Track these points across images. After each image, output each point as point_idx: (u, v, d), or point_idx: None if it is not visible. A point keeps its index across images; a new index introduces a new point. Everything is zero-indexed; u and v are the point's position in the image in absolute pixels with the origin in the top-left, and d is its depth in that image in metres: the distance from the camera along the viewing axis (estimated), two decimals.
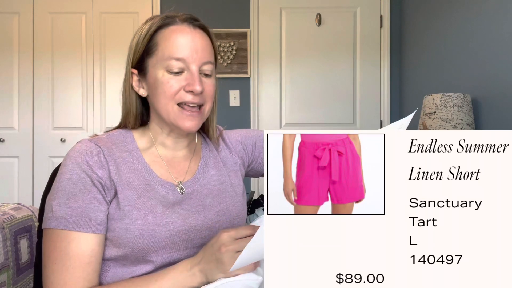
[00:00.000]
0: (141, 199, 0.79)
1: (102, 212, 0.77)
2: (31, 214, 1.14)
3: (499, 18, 1.85)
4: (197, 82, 0.79)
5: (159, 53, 0.80)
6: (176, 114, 0.81)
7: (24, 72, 3.08)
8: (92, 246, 0.75)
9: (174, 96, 0.79)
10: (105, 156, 0.79)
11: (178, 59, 0.79)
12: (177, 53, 0.79)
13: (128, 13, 3.09)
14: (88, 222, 0.74)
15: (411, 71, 2.88)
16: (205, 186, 0.88)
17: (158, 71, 0.80)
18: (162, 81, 0.79)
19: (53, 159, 3.07)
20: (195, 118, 0.81)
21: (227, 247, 0.69)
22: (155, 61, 0.80)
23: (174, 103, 0.80)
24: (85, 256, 0.74)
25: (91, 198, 0.76)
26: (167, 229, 0.79)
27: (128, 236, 0.76)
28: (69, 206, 0.74)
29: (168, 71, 0.79)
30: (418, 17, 2.76)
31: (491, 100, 1.92)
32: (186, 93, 0.80)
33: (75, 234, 0.74)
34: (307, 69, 3.09)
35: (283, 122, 3.12)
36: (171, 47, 0.79)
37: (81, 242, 0.74)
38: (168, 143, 0.88)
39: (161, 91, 0.80)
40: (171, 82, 0.79)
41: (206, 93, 0.82)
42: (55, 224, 0.74)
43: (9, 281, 0.98)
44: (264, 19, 3.09)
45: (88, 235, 0.74)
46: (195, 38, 0.80)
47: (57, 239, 0.74)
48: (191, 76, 0.79)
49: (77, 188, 0.75)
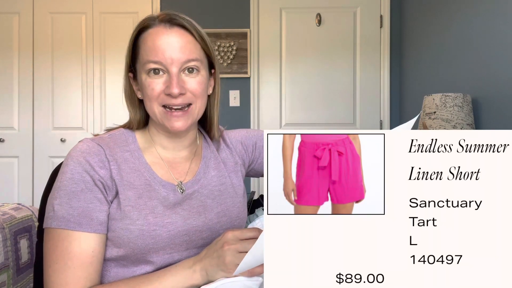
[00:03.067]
0: (142, 200, 0.79)
1: (103, 212, 0.77)
2: (31, 214, 1.14)
3: (499, 18, 1.85)
4: (173, 85, 0.78)
5: (140, 57, 0.81)
6: (162, 115, 0.81)
7: (24, 72, 3.08)
8: (94, 246, 0.75)
9: (157, 98, 0.80)
10: (106, 156, 0.79)
11: (155, 62, 0.79)
12: (153, 56, 0.79)
13: (128, 13, 3.09)
14: (89, 222, 0.74)
15: (411, 71, 2.88)
16: (205, 187, 0.88)
17: (142, 75, 0.81)
18: (145, 84, 0.80)
19: (53, 159, 3.07)
20: (181, 118, 0.81)
21: (230, 246, 0.69)
22: (139, 65, 0.82)
23: (159, 105, 0.81)
24: (86, 255, 0.74)
25: (92, 198, 0.76)
26: (168, 230, 0.79)
27: (129, 237, 0.76)
28: (71, 206, 0.74)
29: (148, 74, 0.80)
30: (418, 17, 2.76)
31: (491, 100, 1.92)
32: (166, 96, 0.80)
33: (76, 233, 0.74)
34: (307, 69, 3.09)
35: (283, 122, 3.12)
36: (148, 51, 0.79)
37: (82, 241, 0.74)
38: (167, 144, 0.88)
39: (145, 94, 0.81)
40: (152, 85, 0.80)
41: (192, 92, 0.81)
42: (56, 224, 0.74)
43: (9, 281, 0.98)
44: (264, 19, 3.09)
45: (90, 234, 0.74)
46: (171, 38, 0.79)
47: (58, 239, 0.74)
48: (169, 79, 0.79)
49: (78, 187, 0.75)
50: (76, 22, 3.10)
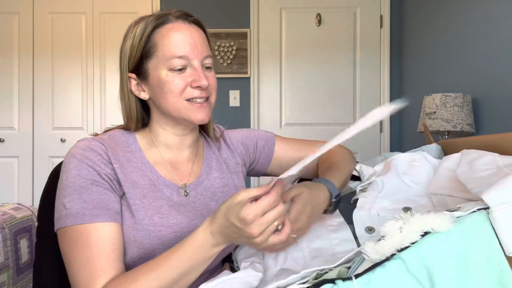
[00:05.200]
0: (147, 199, 0.78)
1: (117, 202, 0.76)
2: (31, 214, 1.14)
3: (499, 18, 1.85)
4: (202, 77, 0.79)
5: (159, 53, 0.79)
6: (187, 109, 0.81)
7: (24, 72, 3.08)
8: (113, 234, 0.72)
9: (182, 93, 0.80)
10: (108, 154, 0.78)
11: (180, 57, 0.79)
12: (178, 51, 0.78)
13: (128, 13, 3.09)
14: (106, 212, 0.73)
15: (411, 71, 2.88)
16: (209, 189, 0.88)
17: (161, 72, 0.79)
18: (167, 80, 0.79)
19: (53, 159, 3.06)
20: (205, 110, 0.82)
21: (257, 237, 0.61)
22: (155, 62, 0.80)
23: (183, 100, 0.80)
24: (108, 244, 0.71)
25: (104, 190, 0.74)
26: (173, 231, 0.78)
27: (135, 236, 0.76)
28: (83, 200, 0.72)
29: (171, 69, 0.79)
30: (418, 17, 2.76)
31: (491, 100, 1.92)
32: (193, 89, 0.80)
33: (94, 225, 0.71)
34: (307, 69, 3.09)
35: (283, 122, 3.12)
36: (171, 46, 0.79)
37: (102, 231, 0.71)
38: (172, 143, 0.87)
39: (167, 90, 0.79)
40: (176, 80, 0.79)
41: (211, 86, 0.83)
42: (72, 221, 0.71)
43: (9, 281, 0.98)
44: (264, 19, 3.09)
45: (108, 224, 0.72)
46: (192, 33, 0.80)
47: (77, 235, 0.71)
48: (196, 72, 0.80)
49: (87, 182, 0.74)
50: (76, 22, 3.10)
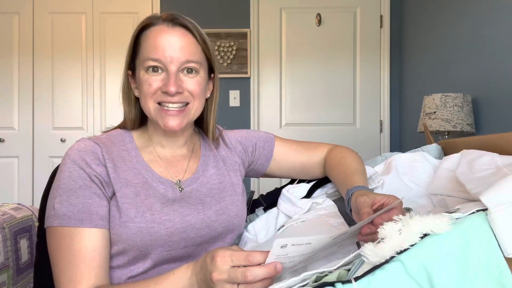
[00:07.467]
0: (139, 197, 0.79)
1: (103, 207, 0.77)
2: (31, 214, 1.14)
3: (499, 18, 1.85)
4: (171, 83, 0.79)
5: (141, 54, 0.82)
6: (156, 113, 0.82)
7: (24, 72, 3.08)
8: (95, 241, 0.74)
9: (153, 95, 0.81)
10: (103, 154, 0.80)
11: (154, 60, 0.80)
12: (154, 54, 0.80)
13: (128, 13, 3.09)
14: (89, 217, 0.75)
15: (411, 71, 2.88)
16: (204, 185, 0.88)
17: (140, 71, 0.82)
18: (143, 80, 0.81)
19: (53, 159, 3.06)
20: (177, 118, 0.81)
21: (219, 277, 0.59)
22: (138, 61, 0.83)
23: (154, 102, 0.81)
24: (88, 251, 0.73)
25: (91, 194, 0.76)
26: (166, 227, 0.79)
27: (127, 234, 0.76)
28: (70, 203, 0.75)
29: (147, 71, 0.81)
30: (418, 17, 2.76)
31: (491, 100, 1.92)
32: (163, 93, 0.80)
33: (77, 230, 0.74)
34: (307, 69, 3.09)
35: (283, 122, 3.12)
36: (149, 48, 0.80)
37: (84, 237, 0.74)
38: (165, 143, 0.89)
39: (141, 91, 0.82)
40: (149, 81, 0.80)
41: (189, 92, 0.82)
42: (58, 222, 0.74)
43: (9, 281, 0.98)
44: (264, 19, 3.09)
45: (91, 230, 0.74)
46: (172, 38, 0.80)
47: (61, 237, 0.74)
48: (167, 77, 0.80)
49: (76, 184, 0.76)
50: (76, 22, 3.10)
